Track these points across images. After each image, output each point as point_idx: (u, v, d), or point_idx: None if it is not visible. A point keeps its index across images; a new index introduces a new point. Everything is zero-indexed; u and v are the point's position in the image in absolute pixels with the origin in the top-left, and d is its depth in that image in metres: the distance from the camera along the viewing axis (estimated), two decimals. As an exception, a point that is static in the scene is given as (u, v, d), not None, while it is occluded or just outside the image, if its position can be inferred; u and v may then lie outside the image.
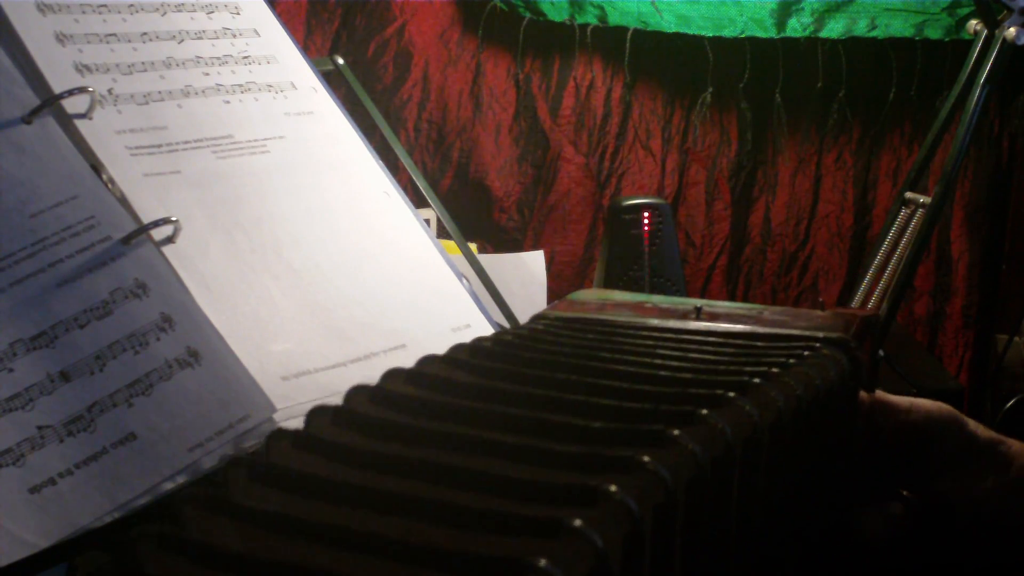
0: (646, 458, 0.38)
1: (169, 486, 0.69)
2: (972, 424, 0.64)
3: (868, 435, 0.62)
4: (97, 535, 0.66)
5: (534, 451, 0.40)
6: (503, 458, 0.40)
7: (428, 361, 0.50)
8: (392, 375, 0.48)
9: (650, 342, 0.54)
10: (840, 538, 0.60)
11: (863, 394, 0.61)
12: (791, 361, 0.50)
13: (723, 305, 0.61)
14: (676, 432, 0.40)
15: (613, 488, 0.36)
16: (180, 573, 0.35)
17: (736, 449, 0.42)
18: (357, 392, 0.46)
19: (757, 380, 0.46)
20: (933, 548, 0.61)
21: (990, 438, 0.63)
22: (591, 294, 0.65)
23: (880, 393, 0.63)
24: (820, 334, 0.55)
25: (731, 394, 0.44)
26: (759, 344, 0.53)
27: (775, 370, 0.48)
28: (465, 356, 0.50)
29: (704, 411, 0.42)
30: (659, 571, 0.39)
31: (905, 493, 0.61)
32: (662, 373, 0.48)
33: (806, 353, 0.52)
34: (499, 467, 0.39)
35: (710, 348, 0.53)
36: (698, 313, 0.59)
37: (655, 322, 0.58)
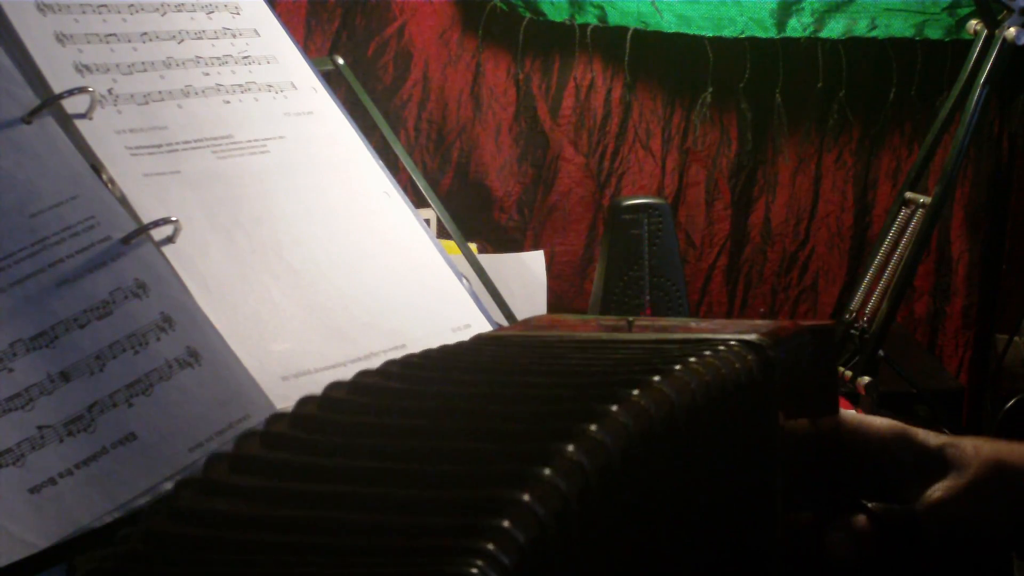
0: (547, 471, 0.39)
1: (169, 486, 0.69)
2: (922, 434, 0.64)
3: (834, 453, 0.62)
4: (97, 535, 0.66)
5: (437, 462, 0.41)
6: (399, 479, 0.41)
7: (364, 373, 0.50)
8: (305, 402, 0.48)
9: (568, 350, 0.54)
10: (804, 553, 0.59)
11: (803, 422, 0.60)
12: (702, 355, 0.50)
13: (667, 320, 0.62)
14: (593, 427, 0.42)
15: (546, 472, 0.38)
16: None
17: (634, 437, 0.43)
18: (246, 439, 0.47)
19: (656, 377, 0.47)
20: (900, 559, 0.61)
21: (941, 444, 0.63)
22: (547, 316, 0.66)
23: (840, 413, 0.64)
24: (736, 338, 0.54)
25: (626, 390, 0.45)
26: (669, 347, 0.54)
27: (676, 367, 0.49)
28: (397, 369, 0.51)
29: (604, 406, 0.44)
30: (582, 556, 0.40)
31: (870, 505, 0.61)
32: (578, 370, 0.49)
33: (720, 349, 0.52)
34: (397, 489, 0.41)
35: (621, 353, 0.53)
36: (630, 325, 0.60)
37: (582, 335, 0.58)
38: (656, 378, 0.46)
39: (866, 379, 1.23)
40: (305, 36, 1.54)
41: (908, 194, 1.28)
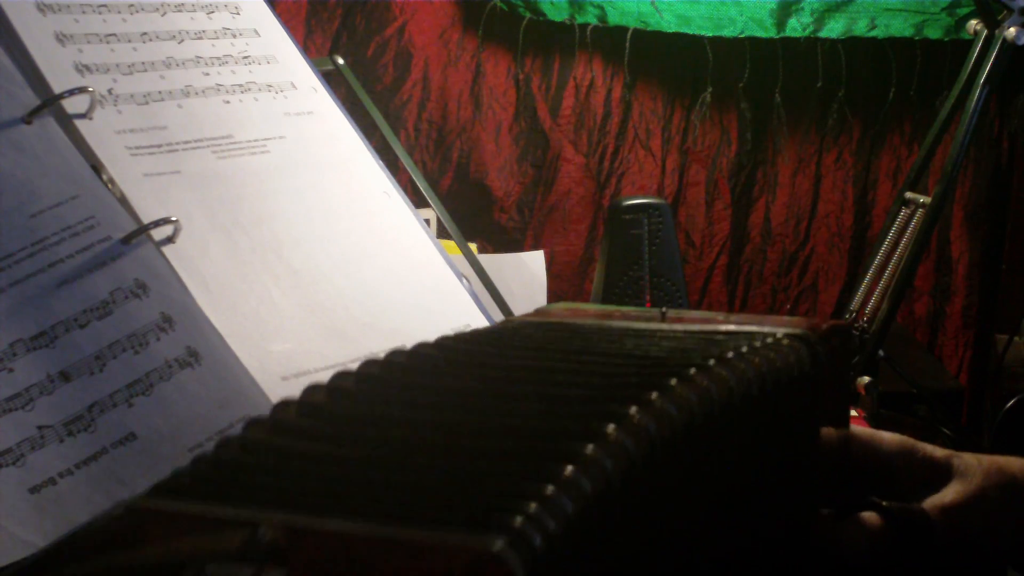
0: (633, 409, 0.41)
1: (169, 486, 0.69)
2: (929, 448, 0.65)
3: (843, 467, 0.62)
4: (97, 535, 0.66)
5: (492, 429, 0.42)
6: (510, 403, 0.43)
7: (370, 363, 0.51)
8: (340, 376, 0.49)
9: (615, 336, 0.55)
10: (819, 550, 0.60)
11: (829, 430, 0.61)
12: (754, 345, 0.51)
13: (691, 313, 0.62)
14: (654, 395, 0.43)
15: (611, 428, 0.40)
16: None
17: (697, 418, 0.44)
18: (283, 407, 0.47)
19: (715, 360, 0.48)
20: (912, 556, 0.61)
21: (946, 456, 0.65)
22: (560, 306, 0.66)
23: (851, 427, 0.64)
24: (782, 330, 0.55)
25: (691, 370, 0.46)
26: (719, 337, 0.54)
27: (730, 355, 0.49)
28: (403, 360, 0.51)
29: (673, 381, 0.45)
30: (639, 518, 0.40)
31: (884, 503, 0.61)
32: (635, 353, 0.50)
33: (769, 341, 0.53)
34: (507, 410, 0.43)
35: (675, 341, 0.54)
36: (663, 315, 0.60)
37: (619, 324, 0.59)
38: (714, 363, 0.47)
39: (866, 379, 1.23)
40: (305, 36, 1.54)
41: (908, 194, 1.28)
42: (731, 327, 0.56)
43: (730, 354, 0.49)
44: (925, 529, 0.61)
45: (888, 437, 0.65)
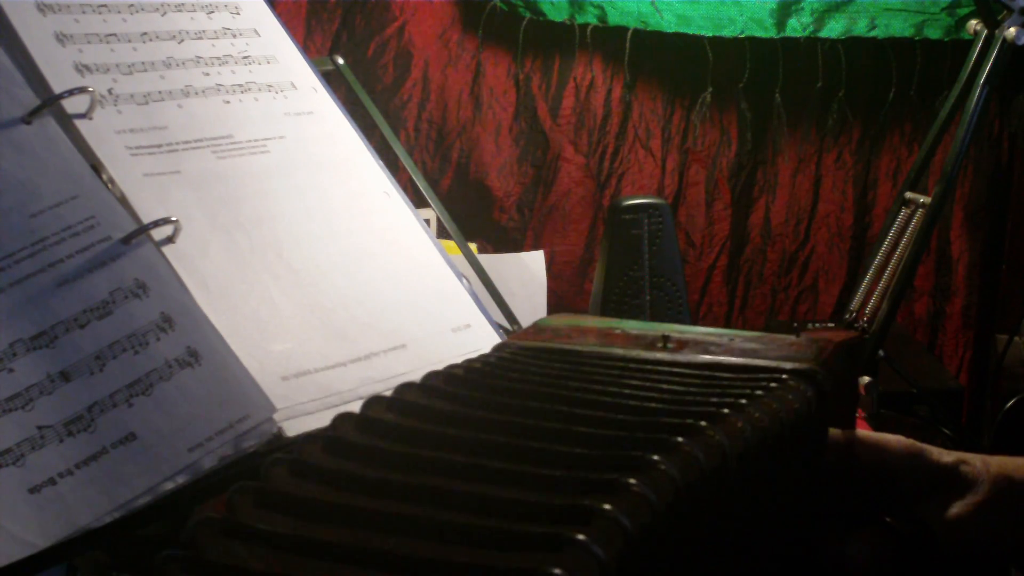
0: (632, 480, 0.40)
1: (169, 486, 0.69)
2: (935, 452, 0.65)
3: (848, 470, 0.62)
4: (97, 535, 0.66)
5: (522, 475, 0.41)
6: (493, 482, 0.41)
7: (405, 389, 0.50)
8: (374, 402, 0.48)
9: (615, 372, 0.54)
10: (826, 566, 0.60)
11: (835, 431, 0.61)
12: (758, 393, 0.50)
13: (693, 331, 0.61)
14: (655, 458, 0.41)
15: (607, 506, 0.38)
16: None
17: (708, 475, 0.43)
18: (343, 420, 0.47)
19: (726, 411, 0.47)
20: (916, 571, 0.61)
21: (953, 462, 0.64)
22: (560, 319, 0.65)
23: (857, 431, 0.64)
24: (788, 365, 0.54)
25: (702, 423, 0.45)
26: (725, 376, 0.54)
27: (743, 401, 0.49)
28: (440, 383, 0.51)
29: (679, 439, 0.43)
30: None
31: (888, 519, 0.62)
32: (633, 403, 0.49)
33: (773, 385, 0.52)
34: (491, 490, 0.41)
35: (676, 379, 0.53)
36: (665, 342, 0.59)
37: (620, 351, 0.58)
38: (713, 424, 0.46)
39: (866, 379, 1.23)
40: (305, 36, 1.54)
41: (908, 194, 1.28)
42: (734, 359, 0.55)
43: (726, 411, 0.48)
44: (929, 544, 0.61)
45: (895, 441, 0.65)
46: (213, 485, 0.70)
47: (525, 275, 1.32)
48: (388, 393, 0.50)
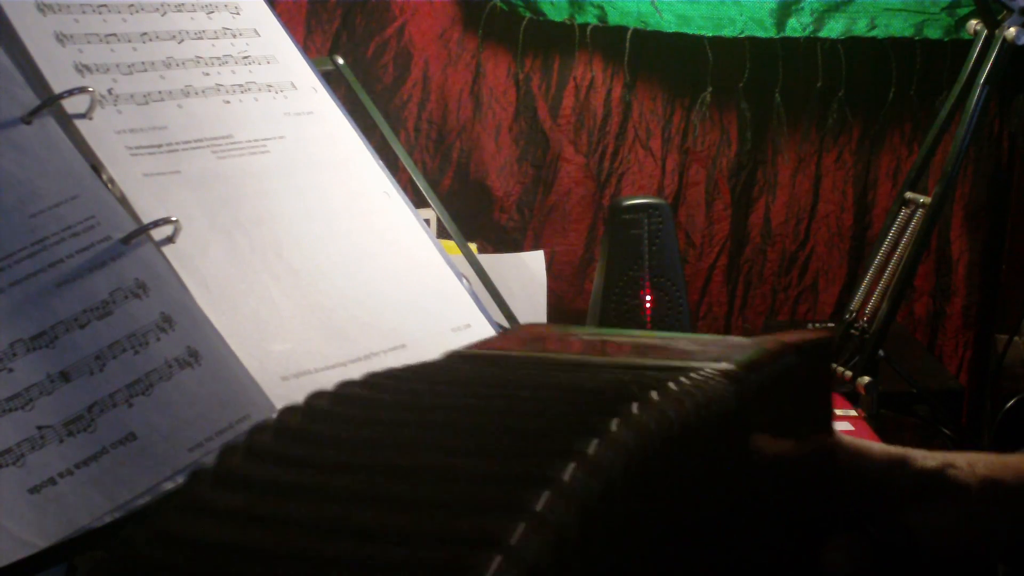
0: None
1: (169, 486, 0.69)
2: (920, 457, 0.64)
3: (828, 476, 0.62)
4: (97, 535, 0.66)
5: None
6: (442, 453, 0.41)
7: (346, 385, 0.50)
8: (315, 396, 0.48)
9: (534, 371, 0.54)
10: (801, 572, 0.60)
11: (819, 438, 0.60)
12: (669, 385, 0.50)
13: (638, 334, 0.60)
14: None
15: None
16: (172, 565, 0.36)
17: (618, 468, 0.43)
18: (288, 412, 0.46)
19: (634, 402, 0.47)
20: None
21: (938, 467, 0.63)
22: (531, 331, 0.65)
23: (838, 436, 0.64)
24: (712, 365, 0.54)
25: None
26: (647, 373, 0.53)
27: (652, 392, 0.48)
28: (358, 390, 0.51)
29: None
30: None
31: (868, 527, 0.61)
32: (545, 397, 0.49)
33: (683, 380, 0.52)
34: (438, 459, 0.41)
35: (586, 375, 0.53)
36: (604, 346, 0.59)
37: (557, 356, 0.58)
38: (635, 405, 0.46)
39: (866, 379, 1.23)
40: (305, 36, 1.54)
41: (908, 194, 1.28)
42: (658, 361, 0.55)
43: (652, 393, 0.47)
44: (910, 551, 0.61)
45: (878, 449, 0.64)
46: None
47: (525, 275, 1.32)
48: None
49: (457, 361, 0.55)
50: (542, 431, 0.44)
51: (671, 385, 0.49)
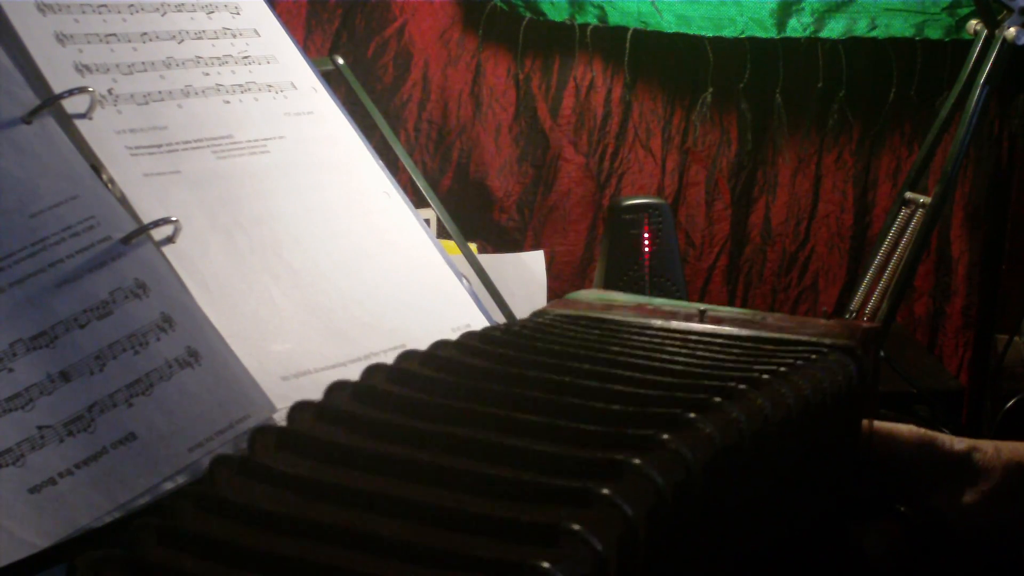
0: (666, 436, 0.39)
1: (169, 486, 0.69)
2: (948, 441, 0.65)
3: (868, 459, 0.63)
4: (97, 535, 0.67)
5: (556, 429, 0.40)
6: (526, 435, 0.40)
7: (441, 345, 0.50)
8: (407, 356, 0.48)
9: (657, 340, 0.54)
10: (842, 554, 0.60)
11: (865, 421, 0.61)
12: (799, 362, 0.50)
13: (726, 310, 0.61)
14: (692, 415, 0.41)
15: (637, 461, 0.37)
16: (179, 564, 0.36)
17: (747, 438, 0.43)
18: (373, 371, 0.46)
19: (766, 376, 0.47)
20: (931, 562, 0.62)
21: (965, 450, 0.64)
22: (590, 294, 0.65)
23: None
24: (827, 340, 0.54)
25: (742, 386, 0.45)
26: (766, 347, 0.53)
27: (783, 369, 0.48)
28: (476, 343, 0.51)
29: (717, 399, 0.43)
30: (676, 545, 0.39)
31: (902, 509, 0.62)
32: (673, 367, 0.48)
33: (813, 356, 0.52)
34: (523, 443, 0.40)
35: (717, 347, 0.53)
36: (702, 316, 0.59)
37: (659, 323, 0.58)
38: (755, 389, 0.46)
39: (866, 379, 1.23)
40: (305, 36, 1.54)
41: (908, 194, 1.28)
42: (773, 334, 0.55)
43: (767, 377, 0.47)
44: (943, 533, 0.61)
45: (906, 431, 0.65)
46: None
47: (525, 275, 1.32)
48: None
49: (563, 322, 0.55)
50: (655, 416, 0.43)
51: (800, 362, 0.49)
